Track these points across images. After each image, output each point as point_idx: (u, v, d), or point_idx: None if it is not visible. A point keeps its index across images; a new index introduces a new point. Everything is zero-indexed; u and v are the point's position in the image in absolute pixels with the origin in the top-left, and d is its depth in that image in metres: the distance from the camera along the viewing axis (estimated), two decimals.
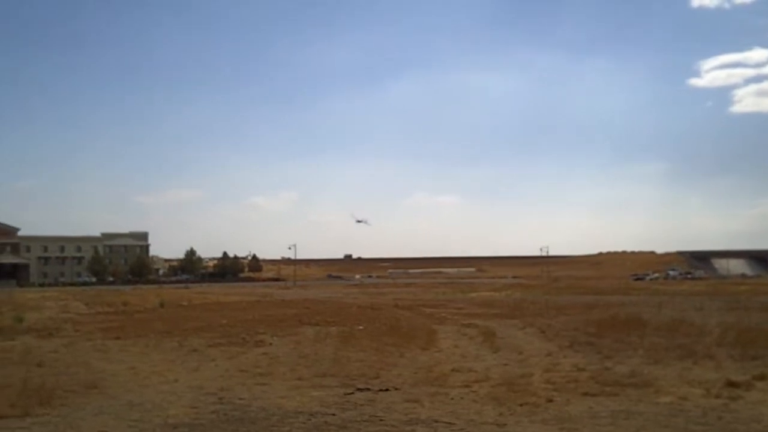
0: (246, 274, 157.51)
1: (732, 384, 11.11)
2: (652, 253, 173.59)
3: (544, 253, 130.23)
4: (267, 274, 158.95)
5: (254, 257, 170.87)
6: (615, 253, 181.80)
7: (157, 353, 17.07)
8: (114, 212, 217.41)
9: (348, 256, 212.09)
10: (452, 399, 10.55)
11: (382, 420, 9.16)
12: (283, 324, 25.34)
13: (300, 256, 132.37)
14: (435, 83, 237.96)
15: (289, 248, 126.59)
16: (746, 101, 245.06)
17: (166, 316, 31.62)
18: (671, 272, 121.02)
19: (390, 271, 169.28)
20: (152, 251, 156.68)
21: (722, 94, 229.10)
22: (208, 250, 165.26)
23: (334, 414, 9.57)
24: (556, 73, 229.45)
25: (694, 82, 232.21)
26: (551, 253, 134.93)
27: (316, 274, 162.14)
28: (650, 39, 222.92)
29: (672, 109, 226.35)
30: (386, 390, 11.34)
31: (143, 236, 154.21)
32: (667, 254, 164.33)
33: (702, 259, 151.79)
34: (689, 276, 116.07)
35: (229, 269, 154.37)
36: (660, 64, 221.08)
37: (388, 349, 16.84)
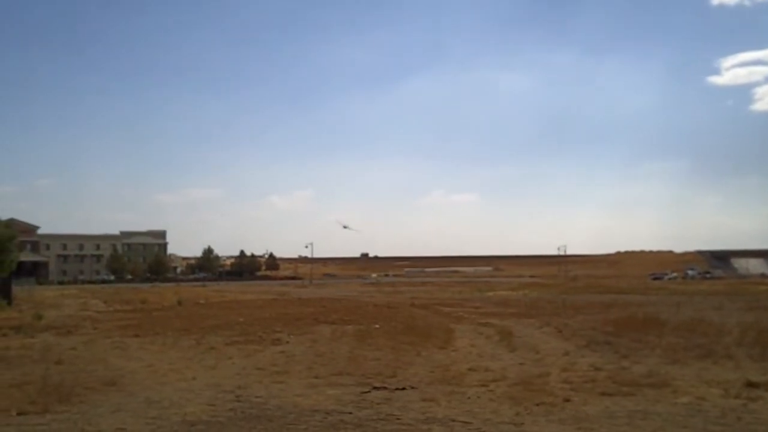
0: (263, 272, 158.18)
1: (751, 384, 11.02)
2: (670, 252, 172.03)
3: (562, 252, 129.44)
4: (284, 272, 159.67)
5: (271, 256, 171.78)
6: (633, 252, 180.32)
7: (175, 351, 17.21)
8: (132, 211, 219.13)
9: (365, 255, 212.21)
10: (469, 398, 10.54)
11: (398, 419, 9.16)
12: (300, 322, 25.42)
13: (317, 254, 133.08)
14: (452, 82, 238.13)
15: (306, 247, 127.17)
16: (767, 99, 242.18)
17: (184, 314, 31.84)
18: (690, 272, 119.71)
19: (406, 270, 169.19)
20: (170, 249, 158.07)
21: (742, 92, 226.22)
22: (226, 249, 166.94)
23: (351, 412, 9.59)
24: (574, 72, 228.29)
25: (714, 80, 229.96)
26: (569, 252, 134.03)
27: (334, 272, 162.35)
28: (669, 37, 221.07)
29: (691, 108, 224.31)
30: (403, 389, 11.34)
31: (161, 234, 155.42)
32: (686, 253, 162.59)
33: (721, 258, 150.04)
34: (708, 275, 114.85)
35: (246, 268, 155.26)
36: (679, 62, 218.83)
37: (405, 348, 16.84)
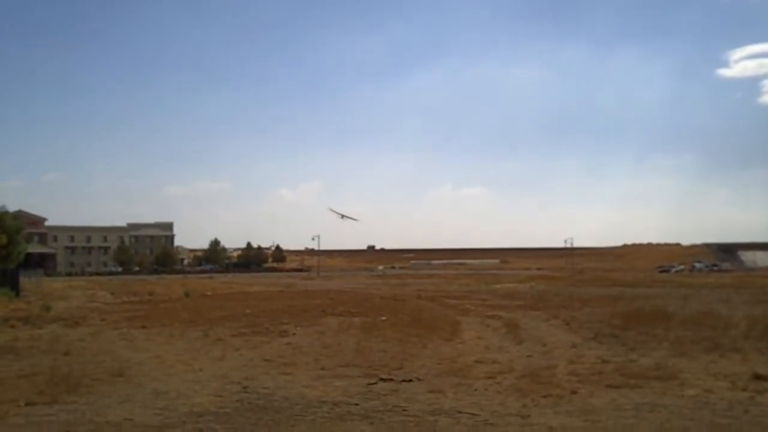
0: (270, 264, 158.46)
1: (759, 377, 11.00)
2: (677, 245, 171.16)
3: (569, 245, 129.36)
4: (290, 264, 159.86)
5: (278, 248, 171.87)
6: (640, 245, 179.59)
7: (182, 342, 17.26)
8: (140, 203, 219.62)
9: (371, 247, 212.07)
10: (476, 390, 10.54)
11: (405, 410, 9.18)
12: (307, 314, 25.46)
13: (324, 247, 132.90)
14: (461, 76, 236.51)
15: (313, 239, 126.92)
16: None
17: (191, 305, 31.91)
18: (697, 264, 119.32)
19: (413, 262, 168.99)
20: (177, 241, 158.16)
21: (752, 85, 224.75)
22: (233, 241, 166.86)
23: (357, 404, 9.61)
24: (582, 66, 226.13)
25: (723, 72, 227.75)
26: (576, 244, 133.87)
27: (340, 264, 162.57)
28: (677, 30, 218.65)
29: (700, 101, 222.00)
30: (409, 380, 11.36)
31: (168, 226, 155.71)
32: (694, 246, 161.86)
33: (728, 251, 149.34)
34: (715, 268, 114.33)
35: (253, 260, 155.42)
36: (687, 54, 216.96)
37: (411, 340, 16.85)
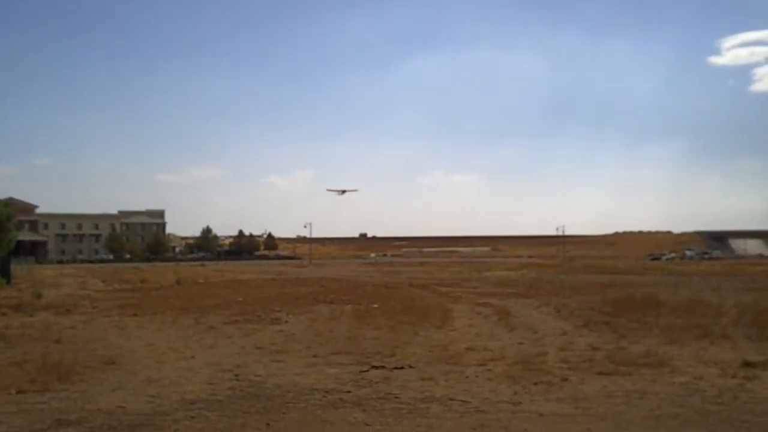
0: (262, 252, 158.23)
1: (748, 364, 11.08)
2: (668, 233, 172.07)
3: (560, 233, 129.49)
4: (282, 252, 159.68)
5: (270, 235, 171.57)
6: (631, 233, 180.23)
7: (174, 330, 17.25)
8: (131, 190, 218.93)
9: (363, 235, 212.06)
10: (467, 377, 10.58)
11: (397, 397, 9.21)
12: (299, 302, 25.49)
13: (315, 234, 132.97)
14: (454, 62, 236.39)
15: (305, 227, 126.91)
16: (767, 80, 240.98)
17: (183, 293, 31.90)
18: (688, 252, 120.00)
19: (405, 250, 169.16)
20: (169, 229, 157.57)
21: (743, 73, 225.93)
22: (224, 229, 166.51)
23: (350, 391, 9.64)
24: (575, 53, 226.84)
25: (715, 60, 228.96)
26: (567, 232, 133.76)
27: (332, 252, 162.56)
28: (669, 17, 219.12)
29: (692, 88, 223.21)
30: (401, 368, 11.39)
31: (160, 214, 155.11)
32: (684, 234, 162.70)
33: (719, 239, 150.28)
34: (706, 256, 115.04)
35: (244, 247, 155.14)
36: (679, 42, 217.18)
37: (403, 328, 16.89)
